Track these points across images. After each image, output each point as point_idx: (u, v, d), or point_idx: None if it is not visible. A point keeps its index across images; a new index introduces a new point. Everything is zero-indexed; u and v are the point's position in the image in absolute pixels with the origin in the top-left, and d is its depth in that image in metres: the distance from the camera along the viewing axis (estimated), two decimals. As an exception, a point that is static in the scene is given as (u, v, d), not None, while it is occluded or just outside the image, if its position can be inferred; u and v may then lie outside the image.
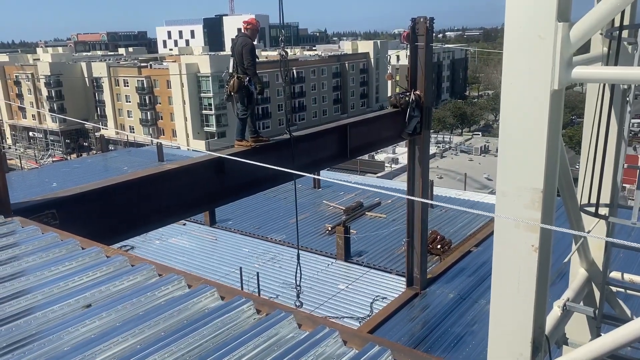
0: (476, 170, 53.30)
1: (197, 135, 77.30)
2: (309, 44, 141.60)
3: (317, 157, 9.72)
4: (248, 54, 7.86)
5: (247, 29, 8.18)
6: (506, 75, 3.13)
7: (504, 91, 3.14)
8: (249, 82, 7.94)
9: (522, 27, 3.02)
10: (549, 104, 3.02)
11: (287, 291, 14.37)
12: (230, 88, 8.01)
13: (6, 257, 4.04)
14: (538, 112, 3.02)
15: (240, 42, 8.01)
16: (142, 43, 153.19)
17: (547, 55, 2.95)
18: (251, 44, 7.99)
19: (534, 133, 3.04)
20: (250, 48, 7.94)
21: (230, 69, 8.07)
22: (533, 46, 2.99)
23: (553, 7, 2.92)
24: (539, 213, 3.14)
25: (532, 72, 3.01)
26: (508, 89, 3.13)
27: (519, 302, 3.48)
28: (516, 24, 3.04)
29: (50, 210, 5.63)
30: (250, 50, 7.89)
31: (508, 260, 3.35)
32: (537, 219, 3.14)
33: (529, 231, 3.18)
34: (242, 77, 7.92)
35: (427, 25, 11.56)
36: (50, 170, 33.24)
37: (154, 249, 17.75)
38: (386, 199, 21.84)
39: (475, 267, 14.42)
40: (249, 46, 7.95)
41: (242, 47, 7.93)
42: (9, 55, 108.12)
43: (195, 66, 76.11)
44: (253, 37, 8.10)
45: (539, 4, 2.96)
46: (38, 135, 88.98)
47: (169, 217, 7.33)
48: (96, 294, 3.45)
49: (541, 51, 2.97)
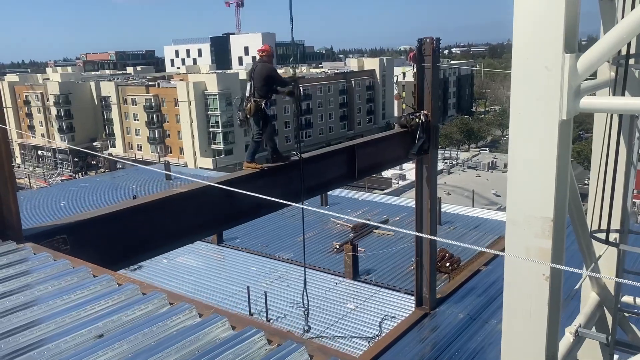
0: (484, 187, 53.09)
1: (204, 152, 77.72)
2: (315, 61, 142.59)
3: (325, 178, 9.74)
4: (277, 75, 8.29)
5: (263, 56, 8.41)
6: (514, 104, 3.16)
7: (512, 120, 3.17)
8: (265, 105, 8.11)
9: (528, 58, 3.05)
10: (557, 133, 3.04)
11: (295, 310, 14.32)
12: (247, 111, 8.20)
13: (19, 286, 4.07)
14: (547, 142, 3.04)
15: (261, 68, 8.29)
16: (150, 62, 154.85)
17: (554, 86, 2.98)
18: (273, 68, 8.36)
19: (543, 163, 3.06)
20: (274, 70, 8.32)
21: (247, 92, 8.29)
22: (540, 77, 3.02)
23: (560, 38, 2.95)
24: (549, 242, 3.15)
25: (540, 102, 3.04)
26: (516, 118, 3.16)
27: (530, 330, 3.47)
28: (523, 55, 3.08)
29: (61, 235, 5.67)
30: (274, 72, 8.28)
31: (519, 289, 3.34)
32: (547, 247, 3.14)
33: (539, 260, 3.18)
34: (259, 101, 8.13)
35: (433, 45, 11.65)
36: (59, 189, 33.50)
37: (162, 268, 17.78)
38: (394, 216, 21.82)
39: (485, 287, 14.31)
40: (273, 70, 8.30)
41: (265, 72, 8.22)
42: (19, 75, 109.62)
43: (202, 84, 76.82)
44: (270, 62, 8.38)
45: (545, 35, 2.99)
46: (47, 154, 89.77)
47: (178, 241, 7.36)
48: (108, 324, 3.47)
49: (548, 82, 3.00)
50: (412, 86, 12.30)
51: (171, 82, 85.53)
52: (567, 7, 2.99)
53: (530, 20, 3.06)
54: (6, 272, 4.31)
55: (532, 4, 3.06)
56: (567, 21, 3.00)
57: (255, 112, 8.21)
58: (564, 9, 2.97)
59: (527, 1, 3.08)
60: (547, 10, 3.01)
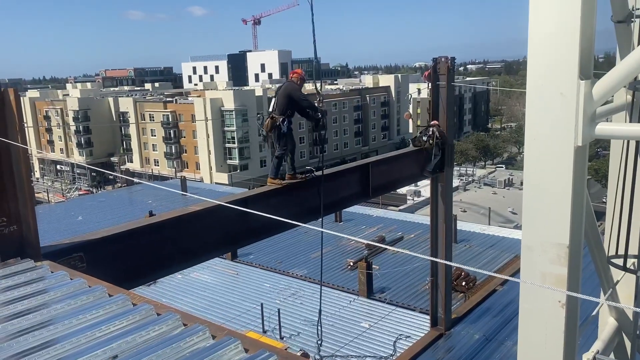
0: (500, 204, 52.57)
1: (220, 168, 78.29)
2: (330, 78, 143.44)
3: (340, 196, 9.75)
4: (298, 95, 8.39)
5: (293, 78, 8.63)
6: (529, 130, 3.16)
7: (527, 146, 3.16)
8: (282, 122, 8.19)
9: (543, 83, 3.05)
10: (572, 160, 3.02)
11: (309, 328, 14.24)
12: (265, 127, 8.33)
13: (36, 304, 4.12)
14: (562, 168, 3.03)
15: (285, 87, 8.51)
16: (168, 78, 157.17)
17: (569, 113, 2.98)
18: (297, 88, 8.47)
19: (559, 189, 3.04)
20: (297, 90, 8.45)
21: (270, 108, 8.43)
22: (555, 103, 3.02)
23: (575, 64, 2.95)
24: (565, 268, 3.11)
25: (555, 128, 3.03)
26: (531, 144, 3.15)
27: (547, 357, 3.42)
28: (537, 81, 3.08)
29: (78, 253, 5.74)
30: (295, 93, 8.39)
31: (535, 316, 3.31)
32: (563, 274, 3.11)
33: (555, 287, 3.14)
34: (276, 117, 8.23)
35: (448, 64, 11.68)
36: (77, 203, 33.91)
37: (176, 283, 17.83)
38: (409, 233, 21.70)
39: (500, 307, 14.12)
40: (295, 90, 8.43)
41: (287, 91, 8.40)
42: (39, 91, 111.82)
43: (219, 101, 77.66)
44: (299, 85, 8.52)
45: (560, 62, 2.99)
46: (65, 169, 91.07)
47: (193, 259, 7.40)
48: (122, 345, 3.49)
49: (563, 108, 2.99)
50: (427, 103, 12.33)
51: (188, 99, 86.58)
52: (583, 32, 2.99)
53: (545, 46, 3.07)
54: (24, 291, 4.37)
55: (546, 30, 3.07)
56: (583, 47, 3.00)
57: (271, 129, 8.33)
58: (579, 34, 2.98)
59: (542, 26, 3.09)
60: (562, 36, 3.01)
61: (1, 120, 4.92)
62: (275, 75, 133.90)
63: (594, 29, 3.11)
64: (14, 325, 3.80)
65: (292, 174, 8.56)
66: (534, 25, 3.13)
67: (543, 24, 3.09)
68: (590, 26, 3.08)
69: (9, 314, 3.98)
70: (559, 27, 3.03)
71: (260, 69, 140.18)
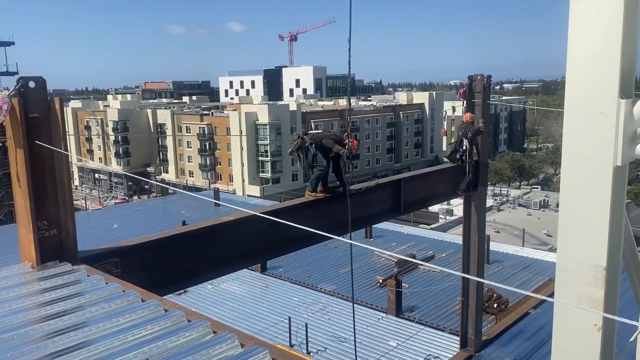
0: (535, 226, 51.33)
1: (252, 180, 79.05)
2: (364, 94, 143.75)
3: (371, 211, 9.72)
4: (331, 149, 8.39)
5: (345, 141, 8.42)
6: (566, 149, 3.11)
7: (564, 165, 3.11)
8: (310, 145, 8.29)
9: (582, 102, 3.01)
10: (611, 179, 2.95)
11: (336, 344, 14.15)
12: (294, 144, 8.47)
13: (72, 307, 4.23)
14: (600, 189, 2.96)
15: (330, 135, 8.54)
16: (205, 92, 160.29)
17: (609, 132, 2.92)
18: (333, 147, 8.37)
19: (596, 209, 2.97)
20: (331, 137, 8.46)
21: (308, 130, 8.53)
22: (594, 122, 2.96)
23: (615, 83, 2.90)
24: (601, 291, 3.03)
25: (594, 148, 2.98)
26: (568, 163, 3.10)
27: (581, 383, 3.32)
28: (577, 99, 3.03)
29: (113, 258, 5.88)
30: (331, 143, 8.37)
31: (569, 339, 3.22)
32: (599, 297, 3.03)
33: (591, 309, 3.06)
34: (305, 139, 8.33)
35: (484, 82, 11.58)
36: (113, 211, 34.72)
37: (206, 293, 18.00)
38: (440, 252, 21.42)
39: (533, 330, 13.76)
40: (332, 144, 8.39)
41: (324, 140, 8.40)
42: (81, 102, 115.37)
43: (254, 115, 78.68)
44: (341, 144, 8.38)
45: (600, 80, 2.95)
46: (103, 178, 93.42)
47: (223, 269, 7.47)
48: (153, 349, 3.55)
49: (603, 127, 2.94)
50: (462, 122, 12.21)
51: (224, 112, 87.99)
52: (624, 51, 2.94)
53: (585, 64, 3.03)
54: (61, 293, 4.50)
55: (586, 48, 3.03)
56: (624, 65, 2.95)
57: (299, 148, 8.42)
58: (620, 52, 2.93)
59: (582, 44, 3.06)
60: (602, 54, 2.97)
61: (46, 128, 5.11)
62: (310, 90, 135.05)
63: (636, 48, 3.05)
64: (51, 325, 3.91)
65: (324, 188, 8.60)
66: (574, 43, 3.10)
67: (583, 42, 3.05)
68: (632, 45, 3.03)
69: (46, 314, 4.11)
70: (600, 46, 2.99)
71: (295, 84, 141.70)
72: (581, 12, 3.06)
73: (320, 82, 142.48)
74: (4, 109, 4.85)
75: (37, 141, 5.01)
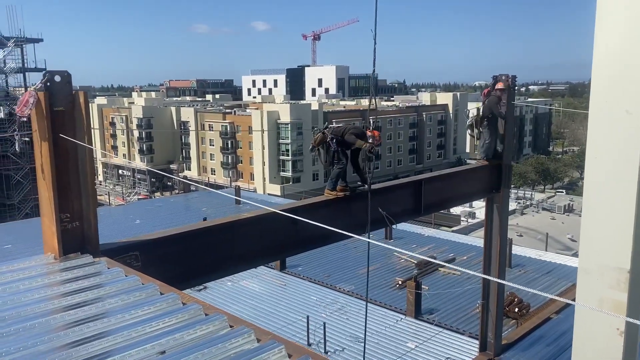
0: (559, 230, 50.54)
1: (273, 179, 79.41)
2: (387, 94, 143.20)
3: (390, 211, 9.65)
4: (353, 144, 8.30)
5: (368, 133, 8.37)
6: (590, 148, 3.04)
7: (588, 165, 3.04)
8: (331, 140, 8.26)
9: (608, 100, 2.94)
10: (637, 180, 2.88)
11: (354, 345, 14.11)
12: (314, 140, 8.44)
13: (92, 297, 4.30)
14: (625, 188, 2.89)
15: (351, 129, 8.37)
16: (228, 90, 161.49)
17: (635, 131, 2.84)
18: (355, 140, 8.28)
19: (621, 210, 2.90)
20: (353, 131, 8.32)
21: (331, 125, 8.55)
22: (620, 121, 2.89)
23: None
24: (625, 294, 2.95)
25: (619, 147, 2.90)
26: (592, 162, 3.03)
27: (602, 388, 3.24)
28: (602, 97, 2.96)
29: (134, 252, 5.95)
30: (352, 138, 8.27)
31: (590, 343, 3.14)
32: (622, 300, 2.95)
33: (614, 313, 2.99)
34: (326, 134, 8.30)
35: (508, 82, 11.43)
36: (135, 207, 35.18)
37: (226, 290, 18.13)
38: (461, 254, 21.20)
39: (555, 336, 13.53)
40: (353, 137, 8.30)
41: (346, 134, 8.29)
42: (107, 98, 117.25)
43: (276, 114, 79.01)
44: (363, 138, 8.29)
45: (627, 78, 2.87)
46: (127, 174, 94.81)
47: (242, 265, 7.51)
48: (171, 342, 3.58)
49: (629, 126, 2.86)
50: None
51: (247, 111, 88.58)
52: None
53: (611, 61, 2.96)
54: (82, 284, 4.58)
55: (613, 45, 2.96)
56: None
57: (320, 143, 8.40)
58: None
59: (608, 42, 2.99)
60: (629, 51, 2.90)
61: (70, 121, 5.20)
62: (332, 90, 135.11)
63: (665, 46, 2.97)
64: (71, 315, 3.98)
65: (343, 186, 8.58)
66: (600, 41, 3.03)
67: (609, 40, 2.98)
68: (661, 42, 2.95)
69: (67, 304, 4.18)
70: (626, 43, 2.91)
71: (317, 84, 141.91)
72: (607, 11, 2.99)
73: (342, 82, 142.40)
74: (30, 102, 4.95)
75: (61, 134, 5.10)
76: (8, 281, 4.61)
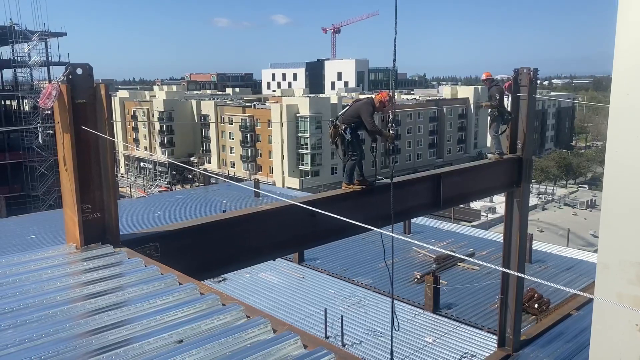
0: (581, 226, 49.77)
1: (292, 173, 79.59)
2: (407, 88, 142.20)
3: (408, 205, 9.63)
4: (370, 119, 8.27)
5: (375, 98, 8.47)
6: (611, 141, 2.99)
7: (608, 158, 3.00)
8: (344, 130, 8.24)
9: (630, 92, 2.88)
10: (659, 174, 2.82)
11: (371, 338, 14.14)
12: (329, 135, 8.47)
13: (112, 287, 4.38)
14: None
15: (361, 105, 8.39)
16: (248, 84, 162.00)
17: (657, 124, 2.79)
18: (371, 112, 8.29)
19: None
20: (368, 110, 8.28)
21: (339, 114, 8.51)
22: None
23: (666, 73, 2.77)
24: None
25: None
26: (613, 155, 2.98)
27: (620, 385, 3.20)
28: (623, 91, 2.91)
29: (154, 243, 6.04)
30: (366, 110, 8.25)
31: (608, 339, 3.11)
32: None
33: (633, 309, 2.95)
34: (339, 126, 8.29)
35: (530, 76, 11.28)
36: (156, 199, 35.59)
37: (244, 282, 18.29)
38: (480, 249, 21.04)
39: (574, 333, 13.37)
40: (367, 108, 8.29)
41: (360, 105, 8.34)
42: (129, 92, 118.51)
43: (295, 107, 79.06)
44: (375, 107, 8.32)
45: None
46: (148, 166, 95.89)
47: (260, 257, 7.57)
48: (188, 331, 3.63)
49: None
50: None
51: (266, 104, 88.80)
52: (677, 40, 2.80)
53: (633, 54, 2.90)
54: (102, 273, 4.66)
55: (634, 37, 2.90)
56: (676, 55, 2.81)
57: (335, 136, 8.40)
58: (673, 42, 2.79)
59: (630, 34, 2.93)
60: (653, 44, 2.84)
61: (92, 113, 5.28)
62: (352, 84, 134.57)
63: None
64: (92, 304, 4.06)
65: (360, 180, 8.58)
66: (622, 32, 2.97)
67: (631, 31, 2.92)
68: (686, 33, 2.88)
69: (88, 293, 4.26)
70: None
71: (337, 77, 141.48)
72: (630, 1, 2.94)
73: (362, 76, 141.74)
74: (53, 94, 5.04)
75: (83, 126, 5.18)
76: (31, 270, 4.72)
